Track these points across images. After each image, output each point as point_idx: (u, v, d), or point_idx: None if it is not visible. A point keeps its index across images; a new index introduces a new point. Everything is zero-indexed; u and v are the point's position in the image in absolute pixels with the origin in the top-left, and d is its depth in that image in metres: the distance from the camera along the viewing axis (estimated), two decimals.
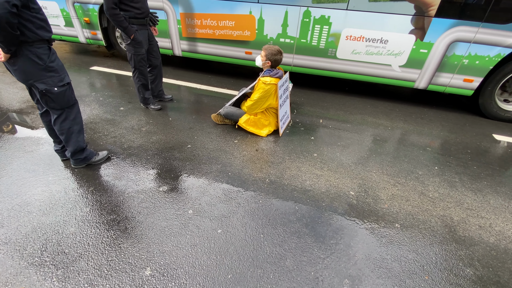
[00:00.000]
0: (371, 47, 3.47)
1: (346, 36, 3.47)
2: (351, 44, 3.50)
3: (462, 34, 3.14)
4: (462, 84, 3.43)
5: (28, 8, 1.60)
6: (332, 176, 2.31)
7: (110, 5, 2.40)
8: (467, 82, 3.40)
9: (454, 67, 3.35)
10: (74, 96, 1.99)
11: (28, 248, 1.59)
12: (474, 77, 3.35)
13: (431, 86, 3.57)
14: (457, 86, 3.47)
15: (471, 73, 3.33)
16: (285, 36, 3.70)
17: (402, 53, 3.42)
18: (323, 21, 3.45)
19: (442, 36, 3.20)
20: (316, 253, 1.64)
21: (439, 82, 3.50)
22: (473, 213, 2.05)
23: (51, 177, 2.12)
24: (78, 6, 4.32)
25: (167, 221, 1.80)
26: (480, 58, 3.22)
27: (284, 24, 3.61)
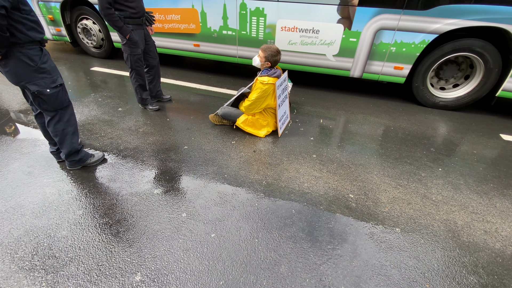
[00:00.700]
0: (305, 37, 3.53)
1: (281, 27, 3.54)
2: (287, 35, 3.57)
3: (386, 22, 3.17)
4: (394, 72, 3.47)
5: (18, 9, 1.58)
6: (331, 178, 2.24)
7: (104, 5, 2.37)
8: (397, 70, 3.43)
9: (383, 55, 3.39)
10: (67, 97, 1.96)
11: (19, 251, 1.58)
12: (403, 65, 3.38)
13: (365, 75, 3.62)
14: (389, 73, 3.51)
15: (400, 61, 3.36)
16: (226, 29, 3.78)
17: (334, 43, 3.47)
18: (259, 13, 3.53)
19: (368, 24, 3.25)
20: (312, 259, 1.59)
21: (372, 70, 3.55)
22: (478, 217, 1.97)
23: (46, 179, 2.10)
24: (42, 4, 4.49)
25: (160, 225, 1.76)
26: (407, 45, 3.24)
27: (224, 16, 3.70)
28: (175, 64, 4.84)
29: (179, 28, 3.99)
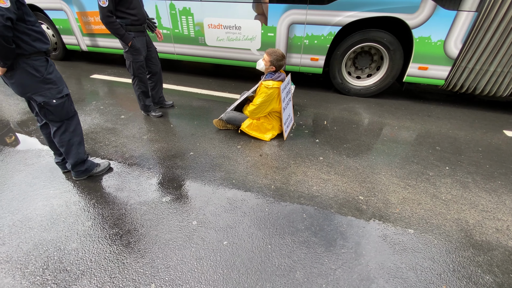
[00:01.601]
0: (230, 33, 3.75)
1: (208, 25, 3.78)
2: (214, 31, 3.81)
3: (295, 16, 3.41)
4: (311, 63, 3.70)
5: (23, 21, 1.56)
6: (339, 180, 2.23)
7: (105, 13, 2.36)
8: (314, 61, 3.66)
9: (299, 48, 3.63)
10: (73, 107, 1.94)
11: (29, 266, 1.55)
12: (318, 56, 3.61)
13: (288, 67, 3.83)
14: (307, 65, 3.74)
15: (314, 52, 3.60)
16: (161, 28, 4.01)
17: (255, 38, 3.71)
18: (186, 12, 3.77)
19: (281, 19, 3.48)
20: (327, 264, 1.57)
21: (292, 62, 3.78)
22: (489, 215, 1.97)
23: (52, 191, 2.08)
24: None
25: (171, 234, 1.74)
26: (317, 38, 3.48)
27: (158, 16, 3.92)
28: (175, 69, 4.83)
29: None
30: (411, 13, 3.07)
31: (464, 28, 3.02)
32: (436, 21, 3.05)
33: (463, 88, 3.42)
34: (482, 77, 3.27)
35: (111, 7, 2.36)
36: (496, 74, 3.20)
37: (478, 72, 3.24)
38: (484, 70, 3.21)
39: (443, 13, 2.99)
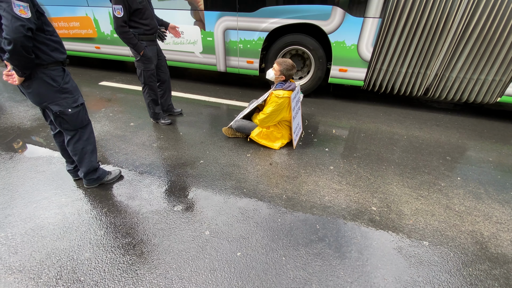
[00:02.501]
0: (175, 38, 4.05)
1: None
2: None
3: (229, 23, 3.71)
4: (248, 66, 3.98)
5: (42, 31, 1.59)
6: (351, 190, 2.22)
7: (120, 23, 2.40)
8: (250, 64, 3.95)
9: (236, 51, 3.92)
10: (87, 116, 1.96)
11: (43, 276, 1.54)
12: (253, 59, 3.89)
13: (228, 69, 4.13)
14: (245, 67, 4.02)
15: (249, 56, 3.88)
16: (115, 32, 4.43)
17: (197, 42, 4.01)
18: None
19: (216, 25, 3.78)
20: (343, 277, 1.55)
21: (232, 65, 4.07)
22: (503, 227, 1.94)
23: (64, 199, 2.08)
24: None
25: (183, 244, 1.73)
26: (249, 42, 3.77)
27: (111, 22, 4.21)
28: (183, 77, 4.88)
29: (81, 33, 4.64)
30: (325, 20, 3.36)
31: (372, 33, 3.28)
32: (347, 27, 3.33)
33: (382, 88, 3.68)
34: (396, 78, 3.54)
35: (125, 18, 2.40)
36: (408, 75, 3.46)
37: (392, 73, 3.51)
38: (396, 71, 3.48)
39: (352, 20, 3.27)
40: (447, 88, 3.42)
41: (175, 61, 4.34)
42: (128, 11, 2.42)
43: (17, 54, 1.46)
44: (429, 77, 3.41)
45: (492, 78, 3.18)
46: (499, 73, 3.13)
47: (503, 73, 3.12)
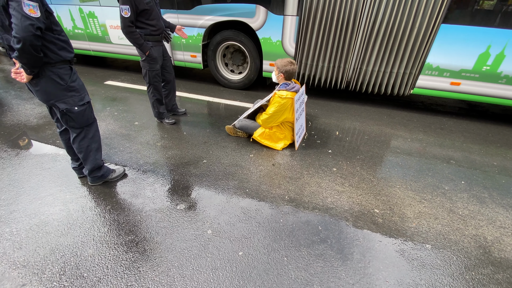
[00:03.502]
0: None
1: (110, 26, 4.38)
2: (115, 31, 4.40)
3: (171, 20, 3.93)
4: (192, 59, 4.25)
5: (51, 30, 1.62)
6: (354, 192, 2.22)
7: (127, 23, 2.43)
8: (193, 58, 4.22)
9: (180, 46, 4.19)
10: (93, 114, 1.98)
11: (46, 271, 1.56)
12: (196, 53, 4.17)
13: (176, 62, 4.39)
14: (190, 61, 4.28)
15: (192, 50, 4.16)
16: (77, 28, 4.66)
17: None
18: (92, 15, 4.39)
19: None
20: (344, 278, 1.55)
21: (178, 58, 4.34)
22: (506, 232, 1.93)
23: (68, 195, 2.10)
24: None
25: (186, 242, 1.74)
26: (191, 38, 4.02)
27: (72, 19, 4.57)
28: (187, 77, 4.90)
29: None
30: (251, 17, 3.61)
31: (293, 29, 3.54)
32: (271, 24, 3.58)
33: (310, 81, 3.92)
34: (320, 71, 3.76)
35: (132, 18, 2.42)
36: (330, 69, 3.69)
37: (315, 67, 3.74)
38: (319, 65, 3.71)
39: (274, 18, 3.53)
40: (365, 81, 3.65)
41: (130, 55, 4.61)
42: (135, 11, 2.44)
43: (26, 52, 1.48)
44: (348, 71, 3.66)
45: (403, 71, 3.42)
46: (408, 66, 3.37)
47: (412, 66, 3.35)
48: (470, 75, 3.26)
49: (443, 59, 3.26)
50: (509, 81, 3.18)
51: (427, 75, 3.40)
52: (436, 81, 3.42)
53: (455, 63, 3.24)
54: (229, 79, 4.34)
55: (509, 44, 3.00)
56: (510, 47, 3.00)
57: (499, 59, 3.10)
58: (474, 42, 3.08)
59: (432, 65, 3.33)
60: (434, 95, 3.53)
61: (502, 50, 3.05)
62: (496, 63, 3.13)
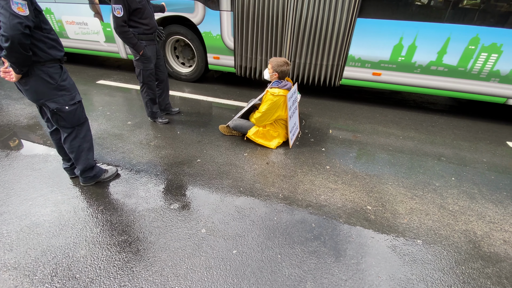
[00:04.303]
0: (82, 28, 4.52)
1: (66, 21, 4.55)
2: (71, 27, 4.59)
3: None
4: None
5: (40, 28, 1.59)
6: (347, 189, 2.24)
7: (119, 23, 2.40)
8: None
9: None
10: (84, 113, 1.96)
11: (38, 273, 1.54)
12: None
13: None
14: None
15: None
16: None
17: (99, 32, 4.46)
18: (48, 11, 4.52)
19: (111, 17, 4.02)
20: (338, 275, 1.57)
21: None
22: (496, 227, 1.97)
23: (60, 196, 2.07)
24: None
25: (180, 242, 1.74)
26: None
27: None
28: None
29: None
30: (191, 12, 3.79)
31: (229, 24, 3.72)
32: (209, 19, 3.75)
33: (251, 74, 4.07)
34: (257, 65, 3.92)
35: (125, 17, 2.40)
36: (264, 62, 3.87)
37: (253, 60, 3.91)
38: (257, 58, 3.87)
39: (211, 13, 3.69)
40: (300, 73, 3.82)
41: (87, 50, 4.78)
42: (128, 10, 2.42)
43: (14, 51, 1.46)
44: None
45: (330, 63, 3.63)
46: (335, 58, 3.57)
47: (337, 58, 3.57)
48: (389, 66, 3.47)
49: (363, 51, 3.48)
50: (423, 70, 3.37)
51: (351, 67, 3.62)
52: (359, 72, 3.64)
53: (374, 54, 3.45)
54: (179, 71, 4.52)
55: (419, 36, 3.20)
56: (421, 38, 3.22)
57: (411, 50, 3.30)
58: (388, 35, 3.29)
59: (355, 57, 3.54)
60: (360, 85, 3.75)
61: (413, 41, 3.25)
62: (410, 54, 3.33)
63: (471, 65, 3.22)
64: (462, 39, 3.12)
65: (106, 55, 4.78)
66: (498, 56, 3.10)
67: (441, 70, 3.34)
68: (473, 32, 3.06)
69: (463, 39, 3.12)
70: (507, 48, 3.04)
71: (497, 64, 3.14)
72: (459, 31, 3.09)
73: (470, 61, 3.20)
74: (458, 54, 3.20)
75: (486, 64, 3.17)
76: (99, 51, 4.75)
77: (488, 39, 3.05)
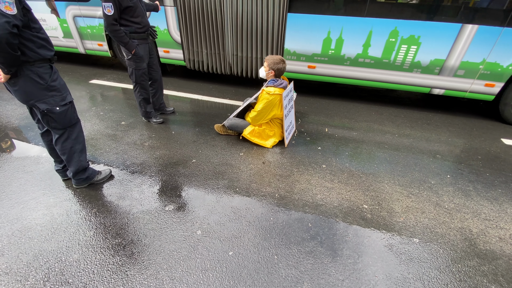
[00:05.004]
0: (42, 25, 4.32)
1: None
2: None
3: (74, 11, 4.35)
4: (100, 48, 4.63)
5: (29, 27, 1.55)
6: (343, 188, 2.23)
7: (110, 21, 2.35)
8: (100, 46, 4.60)
9: (88, 35, 4.56)
10: (76, 114, 1.92)
11: (30, 278, 1.50)
12: (102, 42, 4.54)
13: (87, 51, 4.77)
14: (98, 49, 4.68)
15: (98, 39, 4.53)
16: None
17: (57, 28, 4.68)
18: None
19: (66, 13, 4.42)
20: (334, 275, 1.56)
21: (88, 47, 4.73)
22: (491, 224, 1.98)
23: (52, 199, 2.03)
24: None
25: (175, 244, 1.71)
26: (94, 27, 4.44)
27: None
28: (175, 75, 4.83)
29: None
30: None
31: (174, 19, 3.87)
32: (155, 14, 3.81)
33: (200, 67, 4.21)
34: (203, 57, 4.06)
35: (116, 16, 2.35)
36: (211, 55, 4.02)
37: (199, 53, 4.05)
38: (203, 52, 4.02)
39: None
40: (243, 65, 3.98)
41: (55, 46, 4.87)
42: (119, 8, 2.37)
43: (2, 51, 1.42)
44: (227, 57, 3.99)
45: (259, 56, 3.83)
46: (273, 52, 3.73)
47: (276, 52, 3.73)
48: (321, 59, 3.63)
49: (297, 45, 3.62)
50: (352, 62, 3.50)
51: (288, 60, 3.74)
52: (296, 65, 3.77)
53: (307, 48, 3.60)
54: None
55: (344, 30, 3.36)
56: (346, 32, 3.37)
57: (339, 43, 3.46)
58: (317, 29, 3.44)
59: (290, 51, 3.68)
60: (299, 78, 3.89)
61: (339, 35, 3.41)
62: (338, 47, 3.49)
63: (394, 57, 3.37)
64: (383, 32, 3.26)
65: (66, 50, 4.95)
66: (417, 47, 3.23)
67: (368, 62, 3.49)
68: (391, 25, 3.20)
69: (383, 32, 3.26)
70: (425, 40, 3.17)
71: (417, 56, 3.29)
72: (379, 24, 3.23)
73: (393, 53, 3.35)
74: (381, 46, 3.34)
75: (407, 56, 3.32)
76: (60, 47, 4.91)
77: (406, 31, 3.18)
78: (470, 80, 3.28)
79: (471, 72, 3.23)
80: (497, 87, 3.26)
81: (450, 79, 3.34)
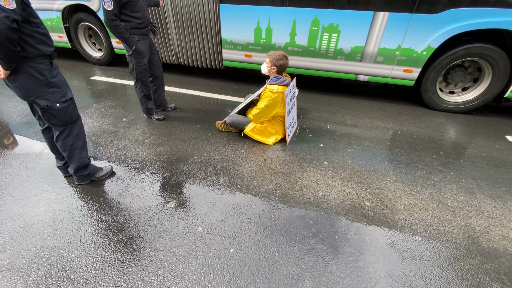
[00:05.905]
0: None
1: None
2: None
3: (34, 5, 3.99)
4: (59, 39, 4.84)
5: (28, 22, 1.54)
6: (345, 186, 2.22)
7: (110, 16, 2.33)
8: (60, 38, 4.82)
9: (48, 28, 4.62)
10: (76, 111, 1.91)
11: (32, 274, 1.51)
12: (61, 34, 4.76)
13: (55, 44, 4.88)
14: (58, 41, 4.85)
15: (58, 31, 4.73)
16: None
17: None
18: None
19: None
20: (336, 272, 1.55)
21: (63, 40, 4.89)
22: (495, 222, 1.96)
23: (53, 196, 2.04)
24: None
25: (176, 241, 1.71)
26: (53, 20, 4.60)
27: None
28: (177, 71, 4.81)
29: None
30: (89, 1, 4.14)
31: None
32: None
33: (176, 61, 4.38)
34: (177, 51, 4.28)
35: (115, 11, 2.33)
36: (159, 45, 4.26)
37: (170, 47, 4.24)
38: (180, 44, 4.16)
39: None
40: (190, 55, 4.20)
41: None
42: (119, 3, 2.35)
43: (1, 46, 1.41)
44: (174, 47, 4.20)
45: (210, 46, 3.99)
46: (212, 42, 3.93)
47: (214, 41, 3.92)
48: (255, 48, 3.75)
49: (232, 35, 3.75)
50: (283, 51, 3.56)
51: (227, 49, 3.90)
52: (235, 54, 3.90)
53: (241, 37, 3.73)
54: (92, 56, 4.89)
55: (271, 19, 3.48)
56: (274, 22, 3.49)
57: (269, 32, 3.58)
58: (247, 19, 3.56)
59: (227, 40, 3.81)
60: (238, 66, 4.02)
61: (268, 24, 3.53)
62: (268, 36, 3.61)
63: (318, 45, 3.50)
64: (305, 21, 3.38)
65: None
66: (337, 35, 3.36)
67: (296, 51, 3.62)
68: (312, 14, 3.31)
69: (305, 21, 3.38)
70: (344, 28, 3.30)
71: (339, 43, 3.41)
72: (301, 13, 3.35)
73: (317, 41, 3.47)
74: (306, 35, 3.47)
75: (330, 44, 3.45)
76: None
77: (326, 20, 3.30)
78: (390, 66, 3.40)
79: (389, 58, 3.35)
80: (415, 73, 3.37)
81: (371, 65, 3.46)
